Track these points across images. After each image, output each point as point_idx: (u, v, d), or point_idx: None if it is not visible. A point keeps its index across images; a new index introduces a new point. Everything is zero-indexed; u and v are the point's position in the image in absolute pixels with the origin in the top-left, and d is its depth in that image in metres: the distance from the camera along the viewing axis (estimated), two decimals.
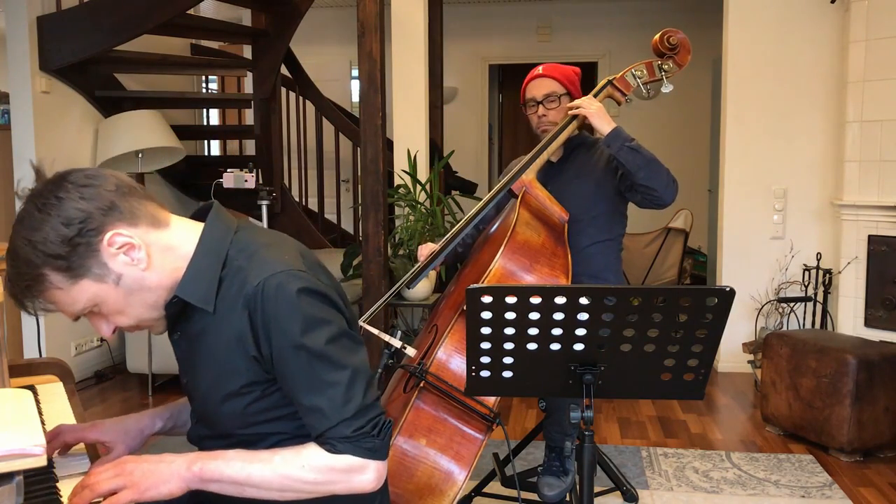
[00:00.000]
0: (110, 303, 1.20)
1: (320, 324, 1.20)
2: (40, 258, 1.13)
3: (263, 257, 1.23)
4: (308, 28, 5.92)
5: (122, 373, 4.56)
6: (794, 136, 4.56)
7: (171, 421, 1.50)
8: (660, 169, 2.31)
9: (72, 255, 1.14)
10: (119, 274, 1.18)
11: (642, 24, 7.09)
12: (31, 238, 1.13)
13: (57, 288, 1.16)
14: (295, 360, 1.19)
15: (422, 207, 4.53)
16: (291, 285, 1.19)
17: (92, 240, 1.15)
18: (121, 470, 1.15)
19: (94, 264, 1.16)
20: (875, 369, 3.24)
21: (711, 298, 1.43)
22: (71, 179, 1.16)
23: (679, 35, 2.46)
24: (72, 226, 1.13)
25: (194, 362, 1.31)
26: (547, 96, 2.49)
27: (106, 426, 1.42)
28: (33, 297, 1.17)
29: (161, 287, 1.23)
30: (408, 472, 1.87)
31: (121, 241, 1.17)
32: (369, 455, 1.20)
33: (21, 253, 1.14)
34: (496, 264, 2.06)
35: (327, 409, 1.19)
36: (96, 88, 4.59)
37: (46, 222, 1.13)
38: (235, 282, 1.22)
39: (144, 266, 1.19)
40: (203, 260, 1.24)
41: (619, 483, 2.51)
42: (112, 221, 1.16)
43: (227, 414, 1.27)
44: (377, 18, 3.60)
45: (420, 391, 1.94)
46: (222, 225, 1.28)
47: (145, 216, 1.20)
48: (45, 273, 1.14)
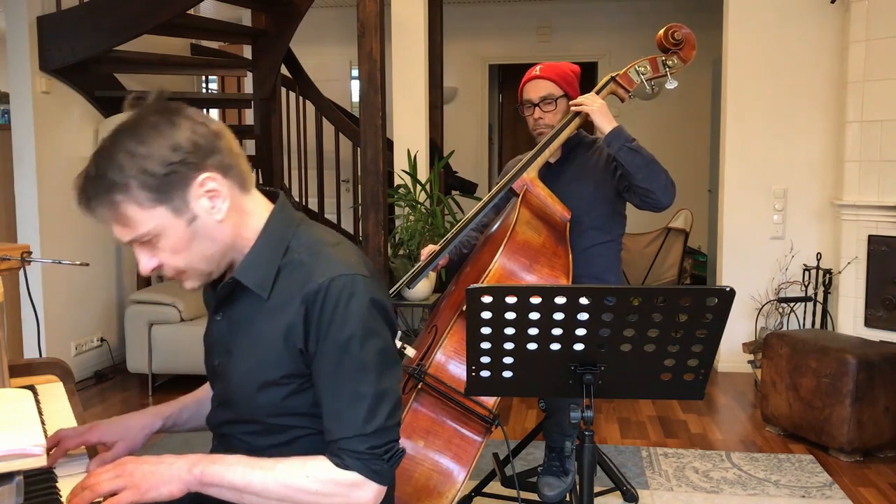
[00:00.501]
0: (173, 239, 1.19)
1: (373, 335, 1.21)
2: (134, 171, 1.14)
3: (329, 256, 1.24)
4: (308, 28, 5.92)
5: (122, 373, 4.56)
6: (794, 136, 4.56)
7: (172, 419, 1.50)
8: (659, 171, 2.30)
9: (164, 179, 1.15)
10: (195, 215, 1.19)
11: (642, 24, 7.09)
12: (134, 150, 1.14)
13: (134, 203, 1.15)
14: (337, 363, 1.20)
15: (422, 207, 4.53)
16: (356, 291, 1.20)
17: (189, 173, 1.16)
18: (121, 471, 1.15)
19: (178, 197, 1.17)
20: (875, 369, 3.24)
21: (711, 298, 1.43)
22: (188, 113, 1.19)
23: (684, 30, 2.43)
24: (178, 152, 1.15)
25: (232, 346, 1.31)
26: (543, 99, 2.45)
27: (106, 426, 1.42)
28: (109, 203, 1.15)
29: (224, 243, 1.24)
30: (406, 473, 1.86)
31: (211, 186, 1.19)
32: (374, 477, 1.20)
33: (117, 159, 1.14)
34: (496, 264, 2.06)
35: (349, 419, 1.19)
36: (96, 88, 4.59)
37: (155, 140, 1.15)
38: (296, 275, 1.23)
39: (220, 218, 1.21)
40: (265, 246, 1.25)
41: (619, 483, 2.50)
42: (211, 165, 1.18)
43: (260, 402, 1.27)
44: (377, 18, 3.60)
45: (418, 392, 1.93)
46: (287, 216, 1.30)
47: (237, 174, 1.23)
48: (131, 185, 1.14)
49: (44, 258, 3.90)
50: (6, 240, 4.21)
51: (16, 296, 3.76)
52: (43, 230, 4.17)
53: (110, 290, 4.78)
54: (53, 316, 4.21)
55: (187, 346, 4.18)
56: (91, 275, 4.56)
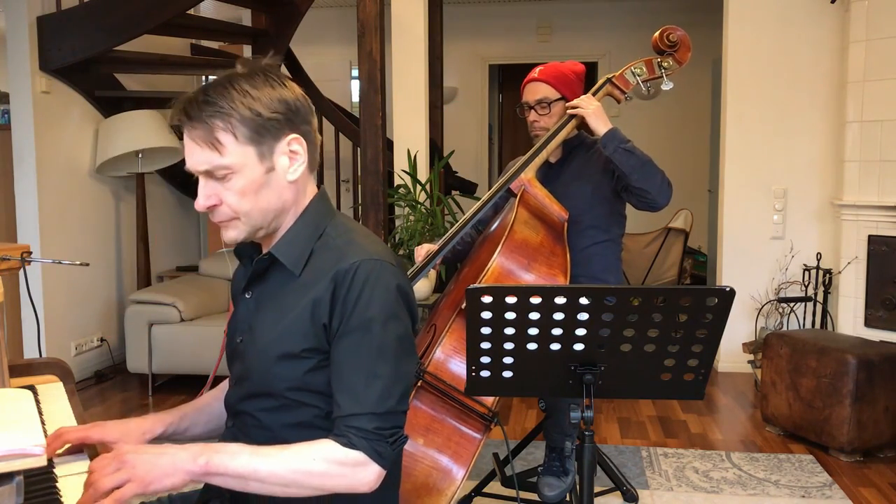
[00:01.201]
0: (247, 180, 1.27)
1: (395, 319, 1.27)
2: (242, 106, 1.24)
3: (360, 243, 1.32)
4: (308, 28, 5.92)
5: (122, 373, 4.55)
6: (794, 136, 4.56)
7: (173, 427, 1.50)
8: (654, 171, 2.31)
9: (263, 124, 1.25)
10: (273, 167, 1.28)
11: (642, 24, 7.09)
12: (249, 91, 1.25)
13: (231, 133, 1.24)
14: (359, 341, 1.24)
15: (422, 207, 4.53)
16: (383, 275, 1.27)
17: (283, 128, 1.28)
18: (122, 463, 1.14)
19: (266, 144, 1.26)
20: (875, 369, 3.24)
21: (711, 298, 1.43)
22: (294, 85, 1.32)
23: (679, 32, 2.46)
24: (282, 105, 1.27)
25: (257, 321, 1.35)
26: (539, 102, 2.47)
27: (108, 427, 1.42)
28: (206, 125, 1.23)
29: (283, 203, 1.32)
30: (405, 471, 1.86)
31: (296, 147, 1.30)
32: (376, 457, 1.21)
33: (230, 92, 1.24)
34: (494, 263, 2.06)
35: (363, 396, 1.22)
36: (96, 88, 4.59)
37: (268, 90, 1.27)
38: (329, 256, 1.30)
39: (292, 179, 1.31)
40: (303, 227, 1.34)
41: (619, 483, 2.51)
42: (302, 131, 1.31)
43: (278, 373, 1.30)
44: (377, 18, 3.60)
45: (417, 390, 1.94)
46: (326, 206, 1.39)
47: (313, 151, 1.35)
48: (233, 116, 1.24)
49: (44, 258, 3.90)
50: (6, 240, 4.21)
51: (16, 296, 3.76)
52: (43, 230, 4.17)
53: (110, 290, 4.78)
54: (53, 316, 4.21)
55: (187, 346, 4.18)
56: (91, 275, 4.56)
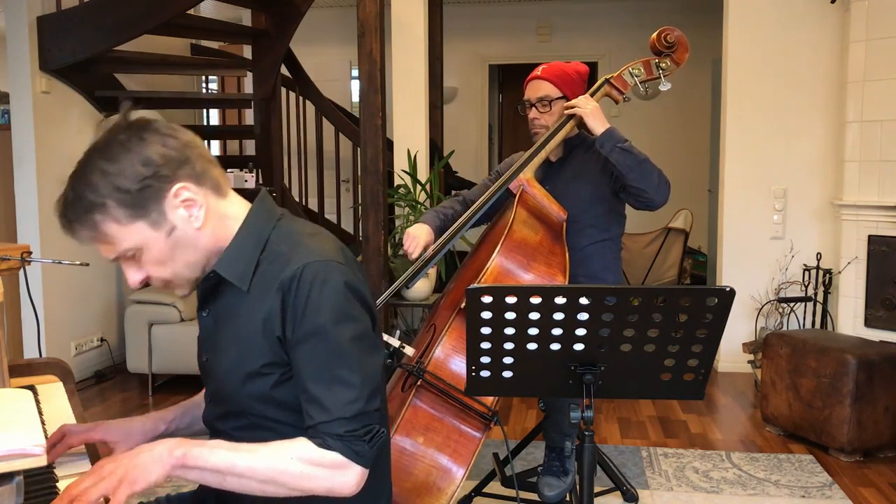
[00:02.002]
0: (154, 251, 1.23)
1: (349, 319, 1.22)
2: (109, 189, 1.18)
3: (306, 245, 1.27)
4: (308, 28, 5.92)
5: (122, 373, 4.56)
6: (794, 136, 4.56)
7: (175, 423, 1.50)
8: (651, 170, 2.31)
9: (139, 195, 1.19)
10: (174, 226, 1.22)
11: (642, 24, 7.09)
12: (107, 168, 1.18)
13: (114, 221, 1.19)
14: (314, 347, 1.21)
15: (422, 207, 4.53)
16: (330, 275, 1.22)
17: (162, 186, 1.20)
18: (101, 474, 1.12)
19: (155, 210, 1.21)
20: (875, 369, 3.24)
21: (711, 298, 1.43)
22: (156, 127, 1.23)
23: (676, 33, 2.46)
24: (149, 167, 1.19)
25: (217, 340, 1.33)
26: (540, 100, 2.49)
27: (110, 426, 1.42)
28: (89, 224, 1.20)
29: (205, 250, 1.27)
30: (405, 470, 1.87)
31: (186, 196, 1.22)
32: (355, 457, 1.20)
33: (92, 179, 1.18)
34: (493, 262, 2.06)
35: (329, 403, 1.20)
36: (96, 88, 4.59)
37: (126, 157, 1.18)
38: (274, 265, 1.26)
39: (199, 225, 1.24)
40: (245, 240, 1.29)
41: (619, 483, 2.51)
42: (183, 175, 1.22)
43: (247, 392, 1.28)
44: (377, 18, 3.60)
45: (417, 390, 1.94)
46: (267, 210, 1.33)
47: (210, 180, 1.26)
48: (108, 204, 1.18)
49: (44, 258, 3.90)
50: (6, 240, 4.21)
51: (16, 296, 3.76)
52: (43, 230, 4.17)
53: (110, 290, 4.78)
54: (53, 316, 4.20)
55: (187, 346, 4.18)
56: (91, 275, 4.56)
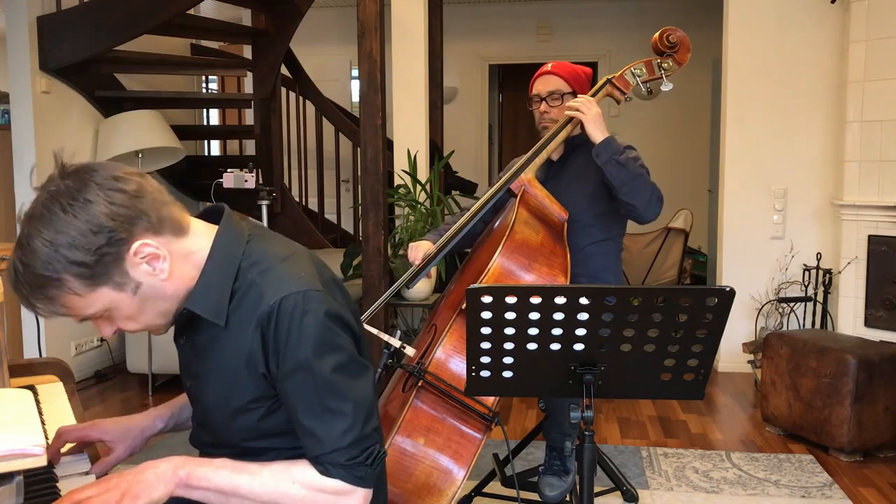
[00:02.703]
0: (123, 309, 1.17)
1: (331, 350, 1.18)
2: (62, 263, 1.08)
3: (279, 273, 1.20)
4: (308, 28, 5.92)
5: (122, 373, 4.56)
6: (794, 136, 4.56)
7: (173, 420, 1.49)
8: (644, 187, 2.31)
9: (97, 264, 1.09)
10: (139, 283, 1.15)
11: (642, 24, 7.09)
12: (55, 241, 1.07)
13: (73, 293, 1.11)
14: (300, 383, 1.18)
15: (422, 207, 4.53)
16: (308, 307, 1.17)
17: (120, 249, 1.11)
18: (106, 485, 1.13)
19: (116, 273, 1.12)
20: (875, 369, 3.24)
21: (711, 298, 1.42)
22: (98, 180, 1.11)
23: (678, 33, 2.46)
24: (100, 234, 1.09)
25: (199, 370, 1.30)
26: (551, 93, 2.51)
27: (107, 426, 1.41)
28: (46, 298, 1.11)
29: (176, 297, 1.21)
30: (406, 471, 1.87)
31: (146, 252, 1.14)
32: (358, 482, 1.19)
33: (41, 254, 1.08)
34: (495, 263, 2.06)
35: (324, 436, 1.18)
36: (96, 88, 4.59)
37: (73, 226, 1.08)
38: (249, 297, 1.20)
39: (165, 276, 1.17)
40: (215, 272, 1.21)
41: (619, 483, 2.51)
42: (140, 231, 1.13)
43: (237, 427, 1.26)
44: (377, 18, 3.60)
45: (418, 390, 1.94)
46: (234, 234, 1.24)
47: (169, 223, 1.17)
48: (64, 278, 1.09)
49: None
50: (6, 240, 4.20)
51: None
52: None
53: None
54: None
55: None
56: None
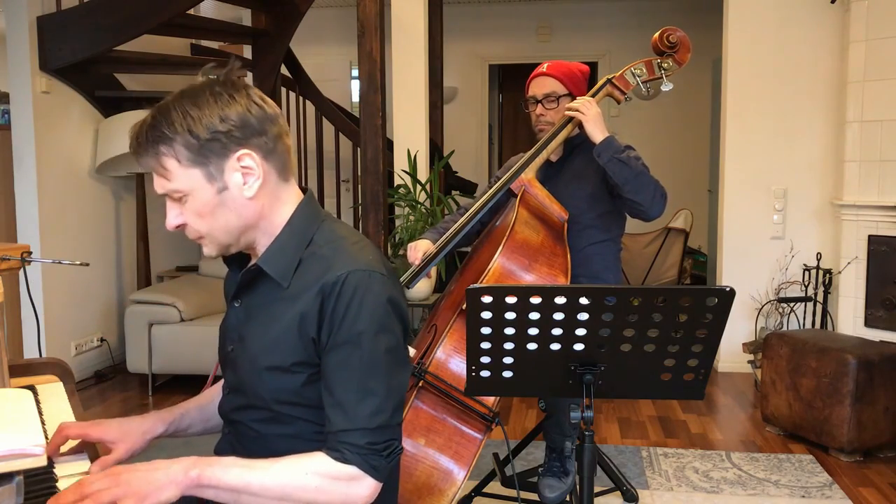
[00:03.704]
0: (199, 202, 1.25)
1: (385, 331, 1.23)
2: (182, 128, 1.21)
3: (349, 251, 1.28)
4: (308, 28, 5.92)
5: (122, 373, 4.55)
6: (794, 136, 4.56)
7: (174, 426, 1.50)
8: (647, 184, 2.30)
9: (206, 144, 1.22)
10: (226, 186, 1.24)
11: (642, 24, 7.09)
12: (189, 110, 1.22)
13: (174, 158, 1.22)
14: (347, 355, 1.21)
15: (422, 207, 4.53)
16: (372, 286, 1.23)
17: (230, 145, 1.23)
18: (116, 480, 1.13)
19: (214, 164, 1.23)
20: (875, 369, 3.24)
21: (711, 298, 1.42)
22: (250, 92, 1.27)
23: (679, 33, 2.46)
24: (225, 123, 1.22)
25: (247, 332, 1.33)
26: (546, 96, 2.49)
27: (109, 426, 1.41)
28: (152, 152, 1.23)
29: (247, 220, 1.28)
30: (406, 471, 1.87)
31: (247, 163, 1.24)
32: (371, 472, 1.20)
33: (172, 115, 1.22)
34: (495, 263, 2.06)
35: (354, 411, 1.20)
36: (96, 88, 4.59)
37: (209, 107, 1.22)
38: (316, 267, 1.27)
39: (250, 195, 1.26)
40: (290, 238, 1.30)
41: (619, 483, 2.51)
42: (254, 144, 1.25)
43: (269, 386, 1.29)
44: (377, 18, 3.60)
45: (419, 391, 1.94)
46: (313, 210, 1.35)
47: (280, 160, 1.29)
48: (176, 140, 1.21)
49: (44, 258, 3.90)
50: (6, 240, 4.21)
51: (16, 296, 3.76)
52: (43, 230, 4.17)
53: (110, 290, 4.78)
54: (53, 316, 4.20)
55: (187, 346, 4.18)
56: (91, 275, 4.56)
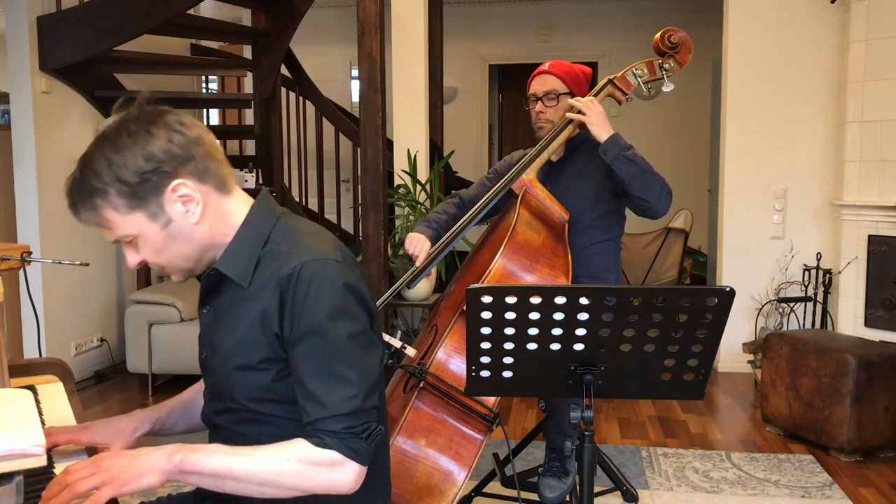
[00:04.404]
0: (150, 241, 1.26)
1: (345, 317, 1.24)
2: (111, 177, 1.21)
3: (304, 244, 1.29)
4: (308, 28, 5.92)
5: (122, 373, 4.56)
6: (794, 136, 4.56)
7: (160, 423, 1.51)
8: (654, 180, 2.30)
9: (139, 187, 1.21)
10: (170, 219, 1.25)
11: (642, 24, 7.09)
12: (111, 157, 1.21)
13: (113, 208, 1.23)
14: (312, 346, 1.22)
15: (422, 207, 4.53)
16: (328, 274, 1.24)
17: (162, 181, 1.22)
18: (97, 466, 1.15)
19: (153, 202, 1.23)
20: (875, 369, 3.24)
21: (711, 298, 1.43)
22: (166, 121, 1.24)
23: (680, 34, 2.46)
24: (150, 161, 1.21)
25: (217, 336, 1.34)
26: (547, 93, 2.49)
27: (97, 427, 1.43)
28: (91, 207, 1.23)
29: (201, 244, 1.29)
30: (407, 472, 1.87)
31: (184, 192, 1.24)
32: (352, 455, 1.20)
33: (96, 166, 1.21)
34: (496, 264, 2.06)
35: (326, 400, 1.21)
36: (96, 88, 4.59)
37: (130, 149, 1.21)
38: (274, 263, 1.28)
39: (195, 220, 1.26)
40: (246, 238, 1.31)
41: (619, 483, 2.51)
42: (185, 172, 1.24)
43: (240, 385, 1.30)
44: (377, 18, 3.60)
45: (419, 391, 1.94)
46: (268, 208, 1.35)
47: (214, 177, 1.28)
48: (109, 191, 1.21)
49: (44, 258, 3.90)
50: (6, 240, 4.20)
51: (16, 296, 3.76)
52: (43, 230, 4.17)
53: (110, 290, 4.78)
54: (53, 316, 4.20)
55: (187, 346, 4.17)
56: (91, 275, 4.56)
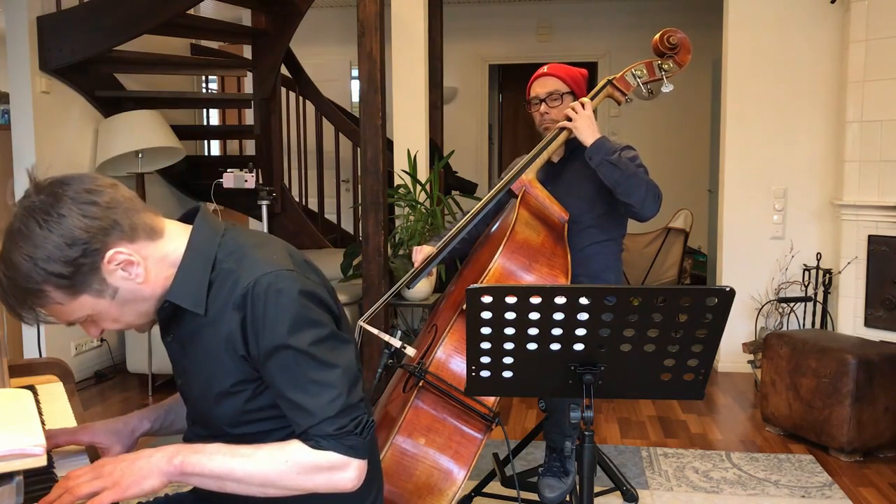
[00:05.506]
0: (104, 314, 1.23)
1: (308, 324, 1.21)
2: (41, 275, 1.14)
3: (253, 257, 1.25)
4: (308, 28, 5.92)
5: (122, 373, 4.56)
6: (794, 136, 4.56)
7: (159, 422, 1.52)
8: (637, 185, 2.32)
9: (75, 275, 1.16)
10: (116, 288, 1.21)
11: (642, 24, 7.09)
12: (33, 255, 1.13)
13: (56, 303, 1.18)
14: (283, 360, 1.20)
15: (422, 207, 4.53)
16: (281, 285, 1.21)
17: (95, 259, 1.17)
18: (99, 472, 1.15)
19: (94, 281, 1.18)
20: (875, 369, 3.24)
21: (711, 298, 1.43)
22: (70, 194, 1.15)
23: (679, 34, 2.47)
24: (75, 246, 1.14)
25: (187, 364, 1.33)
26: (550, 94, 2.52)
27: (96, 428, 1.43)
28: (31, 309, 1.19)
29: (154, 297, 1.26)
30: (406, 471, 1.87)
31: (121, 259, 1.19)
32: (351, 453, 1.20)
33: (22, 268, 1.14)
34: (495, 264, 2.06)
35: (311, 406, 1.20)
36: (96, 88, 4.59)
37: (49, 240, 1.13)
38: (226, 284, 1.24)
39: (142, 280, 1.22)
40: (192, 264, 1.26)
41: (619, 483, 2.51)
42: (114, 240, 1.18)
43: (220, 413, 1.29)
44: (377, 18, 3.60)
45: (419, 391, 1.94)
46: (209, 228, 1.29)
47: (143, 229, 1.22)
48: (45, 289, 1.16)
49: None
50: None
51: None
52: None
53: None
54: None
55: None
56: None
